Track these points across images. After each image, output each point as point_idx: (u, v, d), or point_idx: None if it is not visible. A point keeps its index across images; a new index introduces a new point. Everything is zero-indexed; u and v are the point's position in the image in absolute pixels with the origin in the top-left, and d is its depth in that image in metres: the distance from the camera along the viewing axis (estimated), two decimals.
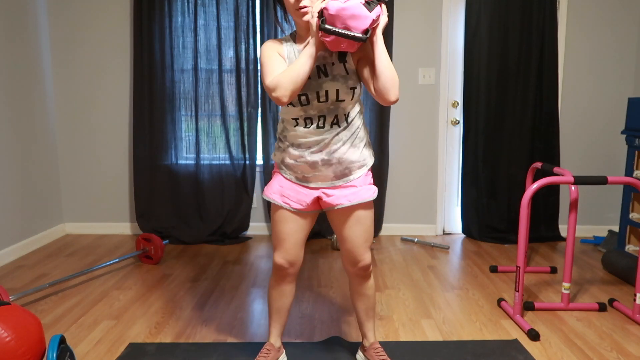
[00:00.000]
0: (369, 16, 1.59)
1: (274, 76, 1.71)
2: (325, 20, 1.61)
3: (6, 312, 1.88)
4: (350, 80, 1.79)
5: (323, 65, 1.79)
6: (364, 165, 1.92)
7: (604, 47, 3.94)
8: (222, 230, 3.98)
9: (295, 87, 1.68)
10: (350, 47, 1.65)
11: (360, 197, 1.88)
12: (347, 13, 1.57)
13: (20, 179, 3.58)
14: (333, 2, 1.58)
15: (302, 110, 1.82)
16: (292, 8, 1.76)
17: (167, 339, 2.32)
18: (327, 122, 1.82)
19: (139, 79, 3.86)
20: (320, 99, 1.79)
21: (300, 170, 1.88)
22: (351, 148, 1.87)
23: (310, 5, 1.73)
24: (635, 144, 3.30)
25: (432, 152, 4.07)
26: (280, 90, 1.67)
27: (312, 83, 1.79)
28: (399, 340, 2.31)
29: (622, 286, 3.01)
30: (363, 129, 1.92)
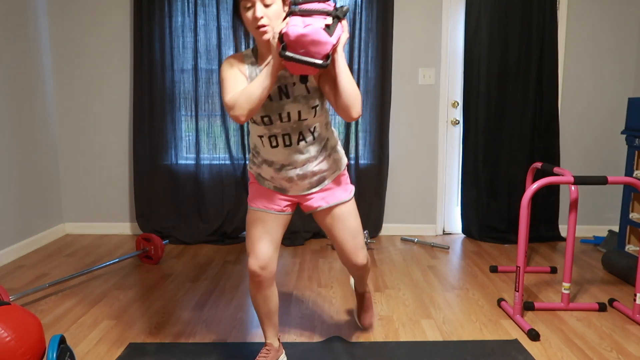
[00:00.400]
0: (329, 42, 1.55)
1: (233, 94, 1.68)
2: (285, 46, 1.57)
3: (6, 312, 1.88)
4: (311, 100, 1.78)
5: (284, 85, 1.77)
6: (337, 169, 1.97)
7: (604, 47, 3.94)
8: (222, 230, 3.98)
9: (252, 107, 1.65)
10: (311, 71, 1.62)
11: (336, 198, 1.95)
12: (307, 39, 1.53)
13: (20, 179, 3.58)
14: (293, 27, 1.54)
15: (265, 129, 1.82)
16: (251, 26, 1.71)
17: (167, 339, 2.32)
18: (293, 139, 1.83)
19: (139, 79, 3.86)
20: (282, 119, 1.79)
21: (278, 182, 1.92)
22: (323, 159, 1.91)
23: (270, 24, 1.68)
24: (635, 144, 3.30)
25: (432, 152, 4.07)
26: (237, 109, 1.65)
27: (273, 105, 1.78)
28: (399, 340, 2.31)
29: (622, 286, 3.01)
30: (332, 137, 1.95)
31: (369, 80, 3.88)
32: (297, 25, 1.55)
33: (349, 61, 3.85)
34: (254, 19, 1.67)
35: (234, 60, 1.81)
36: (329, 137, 1.93)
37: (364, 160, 4.01)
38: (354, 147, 3.95)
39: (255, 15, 1.66)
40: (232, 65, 1.79)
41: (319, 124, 1.86)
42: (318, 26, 1.55)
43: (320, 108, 1.82)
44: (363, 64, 3.86)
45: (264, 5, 1.66)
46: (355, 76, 3.85)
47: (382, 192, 4.02)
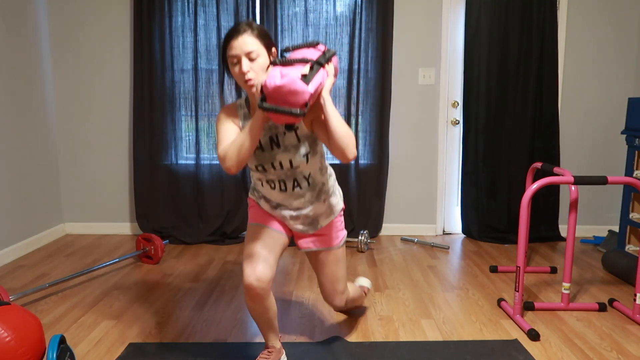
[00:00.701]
0: (306, 91, 1.57)
1: (224, 146, 1.75)
2: (265, 97, 1.60)
3: (6, 312, 1.88)
4: (302, 148, 1.83)
5: (275, 135, 1.82)
6: (332, 213, 2.02)
7: (604, 47, 3.94)
8: (222, 230, 3.98)
9: (241, 158, 1.70)
10: (292, 120, 1.63)
11: (326, 244, 2.02)
12: (284, 90, 1.56)
13: (20, 179, 3.58)
14: (270, 79, 1.58)
15: (262, 174, 1.89)
16: (239, 80, 1.76)
17: (167, 339, 2.32)
18: (288, 186, 1.89)
19: (139, 79, 3.86)
20: (275, 168, 1.86)
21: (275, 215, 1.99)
22: (318, 204, 1.96)
23: (256, 77, 1.73)
24: (635, 144, 3.30)
25: (432, 152, 4.07)
26: (228, 161, 1.71)
27: (265, 155, 1.84)
28: (399, 340, 2.31)
29: (622, 286, 3.01)
30: (328, 181, 1.98)
31: (369, 80, 3.88)
32: (275, 76, 1.58)
33: (349, 61, 3.85)
34: (240, 73, 1.72)
35: (228, 112, 1.87)
36: (325, 182, 1.97)
37: (364, 160, 4.01)
38: None
39: (241, 70, 1.71)
40: (226, 116, 1.85)
41: (313, 170, 1.90)
42: (294, 76, 1.57)
43: (312, 155, 1.86)
44: (363, 64, 3.86)
45: (249, 59, 1.72)
46: (355, 76, 3.85)
47: (382, 192, 4.02)
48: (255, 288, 1.83)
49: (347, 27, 3.83)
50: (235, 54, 1.72)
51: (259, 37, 1.74)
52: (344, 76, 3.90)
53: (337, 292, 2.10)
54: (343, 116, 3.93)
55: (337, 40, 3.85)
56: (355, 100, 3.88)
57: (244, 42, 1.71)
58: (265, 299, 1.88)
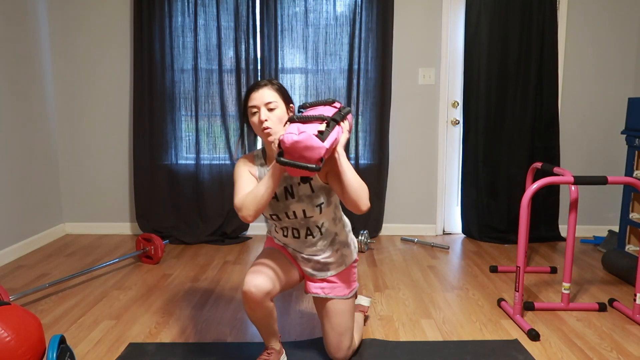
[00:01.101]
0: (322, 146, 1.65)
1: (241, 196, 1.82)
2: (282, 152, 1.69)
3: (6, 312, 1.88)
4: (315, 198, 1.89)
5: (290, 186, 1.90)
6: (343, 264, 2.04)
7: (604, 47, 3.94)
8: (222, 230, 3.98)
9: (258, 208, 1.76)
10: (307, 174, 1.70)
11: (334, 293, 2.02)
12: (300, 145, 1.64)
13: (20, 179, 3.58)
14: (288, 135, 1.65)
15: (276, 222, 1.98)
16: (257, 129, 1.87)
17: (167, 339, 2.32)
18: (301, 234, 1.97)
19: (139, 79, 3.86)
20: (289, 217, 1.93)
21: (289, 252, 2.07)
22: (330, 252, 2.00)
23: (273, 127, 1.83)
24: (635, 144, 3.30)
25: (432, 152, 4.07)
26: (245, 210, 1.77)
27: (279, 205, 1.92)
28: (399, 340, 2.31)
29: (622, 286, 3.01)
30: (342, 232, 2.03)
31: (369, 80, 3.88)
32: (293, 132, 1.66)
33: (349, 61, 3.85)
34: (259, 122, 1.85)
35: (246, 162, 1.97)
36: (338, 232, 2.01)
37: (364, 160, 4.01)
38: (354, 147, 3.95)
39: (260, 118, 1.84)
40: (243, 166, 1.95)
41: (326, 220, 1.96)
42: (311, 133, 1.65)
43: (325, 206, 1.91)
44: (363, 64, 3.86)
45: (267, 109, 1.84)
46: (355, 76, 3.85)
47: (382, 192, 4.02)
48: (252, 294, 1.83)
49: (347, 27, 3.83)
50: (255, 104, 1.85)
51: (277, 92, 1.87)
52: (344, 76, 3.90)
53: (342, 346, 2.03)
54: None
55: (337, 40, 3.85)
56: (355, 100, 3.88)
57: (264, 94, 1.85)
58: (262, 306, 1.87)
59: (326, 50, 3.86)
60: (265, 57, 3.84)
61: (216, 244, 3.92)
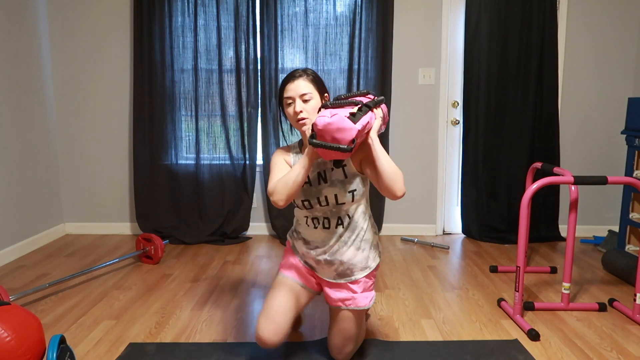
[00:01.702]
0: (353, 128, 1.68)
1: (273, 182, 1.86)
2: (315, 135, 1.73)
3: (6, 312, 1.88)
4: (348, 184, 1.91)
5: (323, 171, 1.93)
6: (367, 267, 2.02)
7: (604, 47, 3.94)
8: (222, 230, 3.98)
9: (289, 193, 1.80)
10: (340, 156, 1.73)
11: (355, 305, 2.00)
12: (332, 127, 1.68)
13: (20, 179, 3.58)
14: (321, 118, 1.70)
15: (308, 212, 1.98)
16: (293, 120, 1.92)
17: (167, 339, 2.32)
18: (332, 223, 1.96)
19: (139, 79, 3.86)
20: (321, 203, 1.93)
21: (309, 261, 2.06)
22: (355, 251, 1.99)
23: (308, 117, 1.88)
24: (635, 144, 3.30)
25: (432, 152, 4.07)
26: (276, 195, 1.81)
27: (312, 189, 1.94)
28: (399, 340, 2.31)
29: (622, 286, 3.01)
30: (369, 231, 2.02)
31: (369, 80, 3.88)
32: (325, 115, 1.71)
33: (349, 61, 3.85)
34: (294, 113, 1.89)
35: (282, 151, 2.04)
36: (366, 230, 2.00)
37: None
38: None
39: (295, 110, 1.89)
40: (279, 155, 2.02)
41: (357, 211, 1.96)
42: (343, 115, 1.69)
43: (358, 193, 1.92)
44: (363, 64, 3.86)
45: (302, 101, 1.89)
46: (355, 76, 3.85)
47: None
48: (266, 341, 1.91)
49: (347, 27, 3.83)
50: (290, 96, 1.90)
51: (312, 82, 1.91)
52: (344, 76, 3.90)
53: (345, 350, 2.02)
54: None
55: (337, 40, 3.85)
56: None
57: (299, 85, 1.89)
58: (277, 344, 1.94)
59: (326, 50, 3.86)
60: (265, 57, 3.84)
61: (216, 244, 3.92)
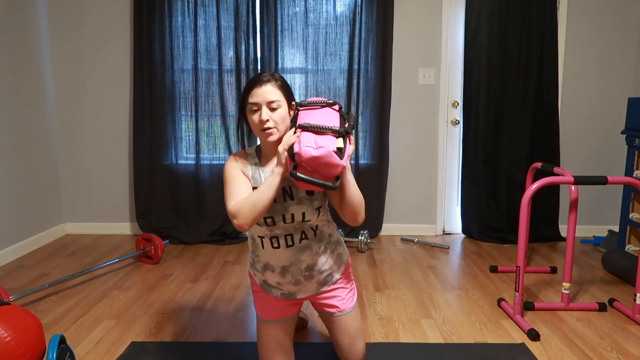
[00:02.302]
0: (340, 164, 1.58)
1: (236, 201, 1.67)
2: (297, 165, 1.59)
3: (6, 312, 1.88)
4: (315, 201, 1.80)
5: (289, 187, 1.78)
6: (342, 263, 1.97)
7: (604, 47, 3.94)
8: (222, 230, 3.98)
9: (255, 216, 1.64)
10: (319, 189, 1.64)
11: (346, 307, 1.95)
12: (319, 162, 1.56)
13: (20, 179, 3.57)
14: (306, 149, 1.56)
15: (267, 229, 1.80)
16: (256, 128, 1.75)
17: (167, 339, 2.32)
18: (295, 239, 1.81)
19: (139, 79, 3.86)
20: (286, 220, 1.78)
21: (286, 288, 1.89)
22: (327, 256, 1.90)
23: (275, 127, 1.72)
24: (635, 144, 3.30)
25: (432, 152, 4.07)
26: (241, 218, 1.64)
27: (277, 206, 1.77)
28: (402, 342, 2.31)
29: (622, 286, 3.01)
30: (334, 231, 1.95)
31: (369, 80, 3.88)
32: (310, 146, 1.56)
33: (349, 61, 3.85)
34: (259, 121, 1.72)
35: (237, 160, 1.83)
36: (331, 233, 1.93)
37: (364, 160, 4.01)
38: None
39: (261, 118, 1.71)
40: (234, 167, 1.80)
41: (321, 223, 1.87)
42: (331, 149, 1.56)
43: (323, 208, 1.84)
44: (363, 64, 3.86)
45: (269, 109, 1.71)
46: (355, 76, 3.85)
47: (382, 192, 4.02)
48: None
49: (347, 27, 3.83)
50: (256, 102, 1.72)
51: (281, 89, 1.74)
52: (344, 76, 3.89)
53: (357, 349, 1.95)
54: None
55: (337, 40, 3.85)
56: (355, 100, 3.88)
57: (267, 91, 1.71)
58: None
59: (326, 50, 3.86)
60: (265, 57, 3.84)
61: (216, 244, 3.92)
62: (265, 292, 1.94)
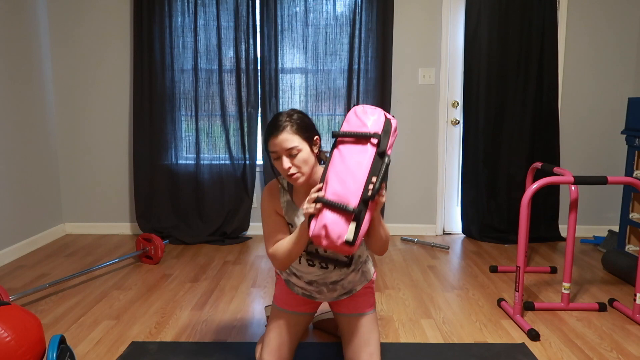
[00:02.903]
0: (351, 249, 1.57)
1: (274, 247, 1.82)
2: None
3: (6, 312, 1.88)
4: None
5: None
6: (365, 280, 2.02)
7: (604, 47, 3.94)
8: (222, 230, 3.98)
9: (290, 261, 1.79)
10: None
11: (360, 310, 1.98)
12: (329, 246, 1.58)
13: (20, 179, 3.57)
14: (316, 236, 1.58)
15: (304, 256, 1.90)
16: (283, 173, 1.76)
17: (167, 339, 2.32)
18: (330, 265, 1.89)
19: (139, 79, 3.86)
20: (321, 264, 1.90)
21: (308, 291, 1.99)
22: (354, 274, 1.96)
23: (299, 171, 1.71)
24: (635, 144, 3.30)
25: (432, 152, 4.07)
26: (277, 263, 1.81)
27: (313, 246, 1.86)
28: (402, 342, 2.31)
29: (622, 286, 3.01)
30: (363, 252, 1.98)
31: (369, 80, 3.88)
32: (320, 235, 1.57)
33: (348, 61, 3.85)
34: (283, 170, 1.74)
35: (271, 197, 1.88)
36: (361, 254, 1.97)
37: None
38: None
39: (283, 166, 1.72)
40: (269, 203, 1.88)
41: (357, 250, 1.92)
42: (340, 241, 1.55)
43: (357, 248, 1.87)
44: (363, 64, 3.86)
45: (289, 155, 1.71)
46: (355, 76, 3.85)
47: None
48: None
49: (347, 27, 3.83)
50: (275, 151, 1.72)
51: (298, 132, 1.71)
52: (344, 76, 3.90)
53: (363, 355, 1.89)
54: (343, 116, 3.94)
55: (337, 40, 3.85)
56: (355, 100, 3.88)
57: (284, 139, 1.69)
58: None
59: (326, 50, 3.86)
60: (265, 57, 3.84)
61: (216, 244, 3.92)
62: (287, 287, 2.04)
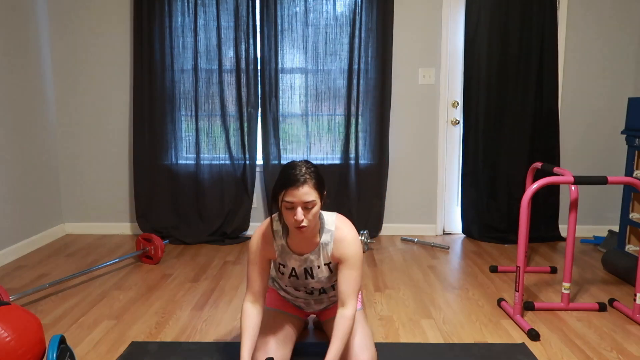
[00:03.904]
0: None
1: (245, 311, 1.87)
2: None
3: (6, 312, 1.88)
4: (334, 278, 1.98)
5: (310, 268, 1.92)
6: None
7: (604, 47, 3.94)
8: (222, 230, 3.98)
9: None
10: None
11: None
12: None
13: (20, 179, 3.58)
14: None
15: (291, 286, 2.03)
16: (290, 223, 1.76)
17: (167, 339, 2.32)
18: (315, 293, 2.04)
19: (139, 79, 3.86)
20: (307, 291, 2.02)
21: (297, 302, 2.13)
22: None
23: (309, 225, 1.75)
24: (635, 144, 3.30)
25: (432, 152, 4.07)
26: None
27: (299, 281, 1.96)
28: (402, 342, 2.31)
29: (622, 286, 3.01)
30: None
31: (369, 80, 3.88)
32: None
33: (348, 61, 3.85)
34: (294, 220, 1.73)
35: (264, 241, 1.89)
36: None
37: (364, 160, 4.01)
38: (354, 147, 3.95)
39: (296, 218, 1.72)
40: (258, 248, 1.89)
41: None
42: None
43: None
44: (363, 64, 3.86)
45: (305, 208, 1.72)
46: (355, 76, 3.85)
47: (382, 192, 4.02)
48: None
49: (347, 27, 3.83)
50: (292, 201, 1.71)
51: (315, 187, 1.74)
52: (344, 76, 3.90)
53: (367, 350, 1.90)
54: (343, 116, 3.94)
55: (337, 40, 3.85)
56: (355, 100, 3.88)
57: (305, 193, 1.71)
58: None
59: (326, 50, 3.86)
60: (265, 57, 3.84)
61: (216, 244, 3.92)
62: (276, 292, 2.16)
